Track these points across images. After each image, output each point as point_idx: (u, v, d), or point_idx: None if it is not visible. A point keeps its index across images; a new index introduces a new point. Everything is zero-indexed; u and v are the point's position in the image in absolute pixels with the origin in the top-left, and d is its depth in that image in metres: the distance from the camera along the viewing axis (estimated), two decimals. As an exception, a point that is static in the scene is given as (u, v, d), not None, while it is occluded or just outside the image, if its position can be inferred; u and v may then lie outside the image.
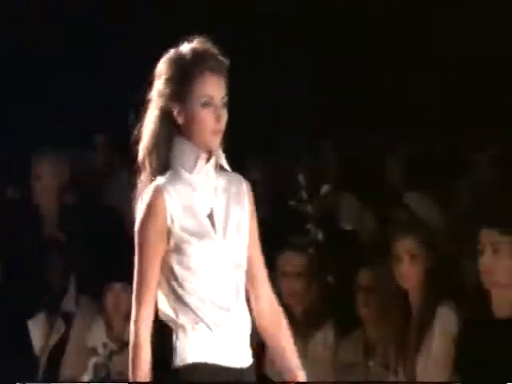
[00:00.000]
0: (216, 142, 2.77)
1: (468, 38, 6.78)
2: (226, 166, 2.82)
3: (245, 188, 2.86)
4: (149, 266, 2.72)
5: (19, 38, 7.24)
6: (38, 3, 7.24)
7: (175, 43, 2.82)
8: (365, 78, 7.02)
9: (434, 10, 7.01)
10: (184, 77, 2.74)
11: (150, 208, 2.71)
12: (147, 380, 2.71)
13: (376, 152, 6.39)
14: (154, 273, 2.73)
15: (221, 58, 2.78)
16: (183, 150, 2.75)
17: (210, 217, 2.78)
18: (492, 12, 6.81)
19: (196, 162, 2.76)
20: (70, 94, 7.22)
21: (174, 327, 2.75)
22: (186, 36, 2.80)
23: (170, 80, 2.75)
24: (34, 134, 6.66)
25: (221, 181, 2.82)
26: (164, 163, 2.76)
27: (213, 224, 2.77)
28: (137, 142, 2.80)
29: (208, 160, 2.78)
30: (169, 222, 2.72)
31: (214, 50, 2.77)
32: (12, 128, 6.75)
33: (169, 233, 2.72)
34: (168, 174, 2.75)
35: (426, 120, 6.79)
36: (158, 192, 2.71)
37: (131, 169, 2.83)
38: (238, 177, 2.86)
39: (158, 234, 2.72)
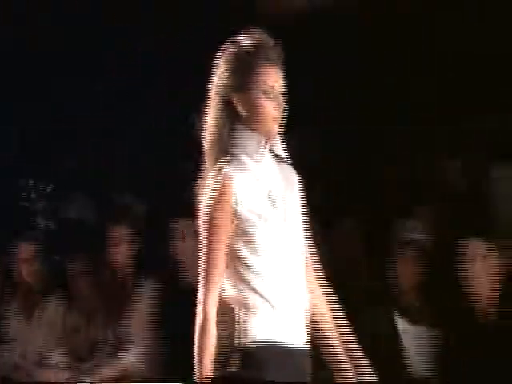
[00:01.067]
0: (276, 129, 2.95)
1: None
2: (282, 154, 3.00)
3: (295, 178, 3.03)
4: (218, 247, 2.86)
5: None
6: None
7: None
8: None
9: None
10: (246, 68, 2.91)
11: (219, 192, 2.86)
12: (212, 358, 2.81)
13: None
14: (223, 254, 2.87)
15: (277, 48, 2.94)
16: (245, 137, 2.92)
17: (271, 200, 2.93)
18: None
19: (258, 148, 2.93)
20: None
21: (238, 308, 2.89)
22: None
23: (232, 71, 2.91)
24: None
25: (276, 168, 2.99)
26: (226, 150, 2.91)
27: (274, 207, 2.93)
28: (200, 132, 2.96)
29: (266, 147, 2.96)
30: (236, 204, 2.87)
31: (272, 41, 2.93)
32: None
33: (236, 215, 2.87)
34: (227, 161, 2.90)
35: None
36: (225, 176, 2.86)
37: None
38: (288, 166, 3.03)
39: (226, 217, 2.86)
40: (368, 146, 6.62)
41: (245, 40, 2.93)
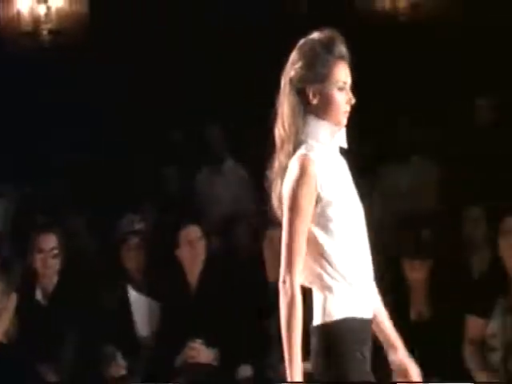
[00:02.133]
0: (344, 122, 3.09)
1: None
2: (345, 145, 3.12)
3: (347, 167, 3.17)
4: (302, 229, 2.96)
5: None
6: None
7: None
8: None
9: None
10: (322, 62, 3.04)
11: (303, 176, 2.97)
12: (300, 340, 2.91)
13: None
14: (305, 236, 2.97)
15: (345, 46, 3.10)
16: (318, 126, 3.04)
17: (344, 185, 3.08)
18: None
19: (330, 137, 3.07)
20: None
21: (319, 289, 2.99)
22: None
23: (309, 65, 3.03)
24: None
25: (340, 157, 3.15)
26: (301, 138, 3.03)
27: (346, 191, 3.07)
28: (273, 122, 3.09)
29: (336, 137, 3.12)
30: (318, 188, 2.98)
31: (343, 39, 3.08)
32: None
33: (318, 198, 2.99)
34: (305, 147, 3.02)
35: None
36: (307, 161, 2.98)
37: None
38: (341, 156, 3.17)
39: (310, 200, 2.97)
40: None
41: (320, 36, 3.06)
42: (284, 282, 2.94)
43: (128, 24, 7.20)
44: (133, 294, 5.63)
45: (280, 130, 3.08)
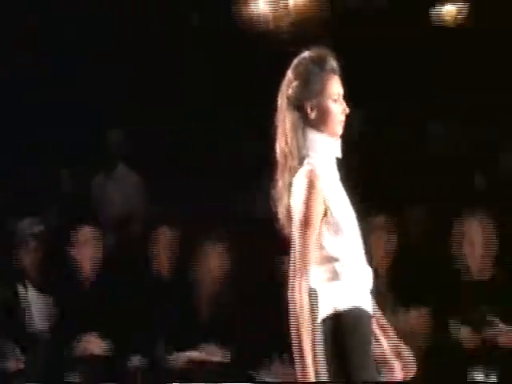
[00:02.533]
0: (341, 131, 3.22)
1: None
2: (339, 154, 3.23)
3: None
4: (313, 240, 3.06)
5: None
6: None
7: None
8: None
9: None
10: (316, 79, 3.17)
11: (313, 192, 3.07)
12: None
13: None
14: (315, 245, 3.08)
15: (335, 59, 3.25)
16: (318, 139, 3.17)
17: (343, 193, 3.20)
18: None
19: (328, 148, 3.19)
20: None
21: (327, 287, 3.09)
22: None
23: (305, 83, 3.16)
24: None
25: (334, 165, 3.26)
26: (303, 152, 3.15)
27: (345, 198, 3.19)
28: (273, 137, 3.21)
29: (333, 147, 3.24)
30: (326, 201, 3.10)
31: (332, 54, 3.23)
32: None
33: (326, 210, 3.10)
34: (309, 162, 3.14)
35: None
36: (314, 176, 3.09)
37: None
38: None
39: (320, 212, 3.08)
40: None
41: (311, 54, 3.19)
42: (295, 288, 3.03)
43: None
44: (31, 292, 5.77)
45: (282, 146, 3.17)
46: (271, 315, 5.34)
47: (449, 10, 8.01)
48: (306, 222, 3.06)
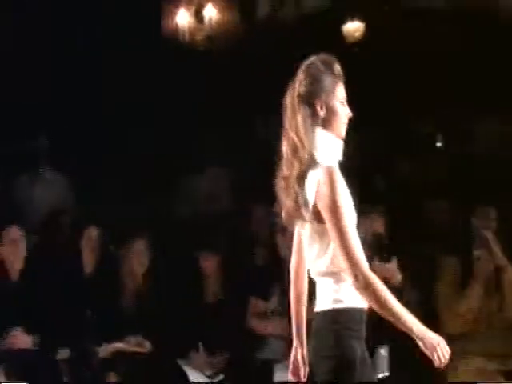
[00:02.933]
0: (344, 133, 3.31)
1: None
2: (341, 157, 3.29)
3: None
4: (351, 229, 3.12)
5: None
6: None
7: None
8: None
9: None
10: (328, 79, 3.27)
11: (336, 185, 3.11)
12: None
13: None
14: (354, 234, 3.13)
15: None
16: (327, 138, 3.24)
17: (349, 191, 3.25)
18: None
19: (336, 149, 3.26)
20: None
21: (336, 281, 3.15)
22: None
23: (316, 81, 3.25)
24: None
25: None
26: (312, 149, 3.21)
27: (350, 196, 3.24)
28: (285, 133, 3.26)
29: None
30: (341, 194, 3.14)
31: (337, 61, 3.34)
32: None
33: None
34: (322, 158, 3.19)
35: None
36: (334, 171, 3.15)
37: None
38: None
39: (347, 203, 3.14)
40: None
41: (321, 58, 3.30)
42: (357, 279, 3.01)
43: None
44: None
45: (293, 139, 3.20)
46: (193, 308, 5.71)
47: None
48: (339, 216, 3.07)
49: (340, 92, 3.30)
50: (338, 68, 3.31)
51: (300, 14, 8.22)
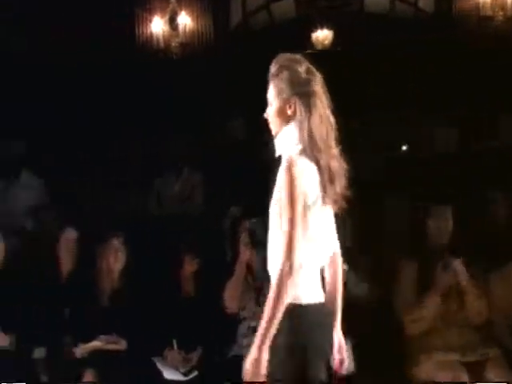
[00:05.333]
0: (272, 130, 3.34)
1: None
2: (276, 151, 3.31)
3: None
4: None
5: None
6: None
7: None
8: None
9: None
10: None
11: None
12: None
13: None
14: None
15: None
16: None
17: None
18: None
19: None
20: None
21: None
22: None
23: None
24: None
25: None
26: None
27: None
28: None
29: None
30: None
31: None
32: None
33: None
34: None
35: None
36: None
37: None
38: None
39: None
40: None
41: (296, 57, 3.30)
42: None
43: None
44: None
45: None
46: (167, 305, 5.66)
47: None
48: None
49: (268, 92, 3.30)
50: (271, 68, 3.29)
51: (271, 21, 8.23)
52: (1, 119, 6.94)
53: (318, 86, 3.27)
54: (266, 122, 3.33)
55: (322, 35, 8.77)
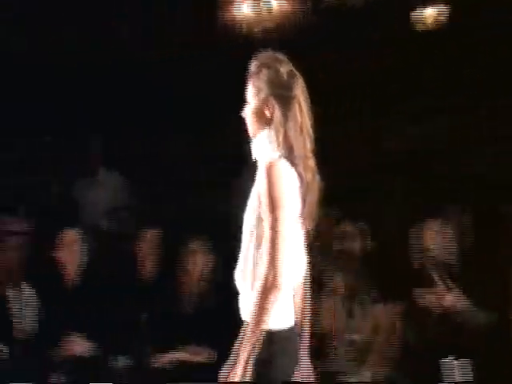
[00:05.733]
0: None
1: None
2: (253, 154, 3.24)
3: None
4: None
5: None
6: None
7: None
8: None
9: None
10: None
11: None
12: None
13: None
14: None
15: None
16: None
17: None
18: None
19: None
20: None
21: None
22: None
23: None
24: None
25: None
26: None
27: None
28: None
29: None
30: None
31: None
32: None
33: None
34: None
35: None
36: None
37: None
38: None
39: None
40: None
41: (279, 57, 3.16)
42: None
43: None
44: (13, 293, 5.64)
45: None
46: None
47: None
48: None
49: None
50: (251, 66, 3.18)
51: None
52: (80, 116, 6.94)
53: (299, 91, 3.12)
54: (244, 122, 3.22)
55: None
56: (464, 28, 7.05)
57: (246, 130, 3.18)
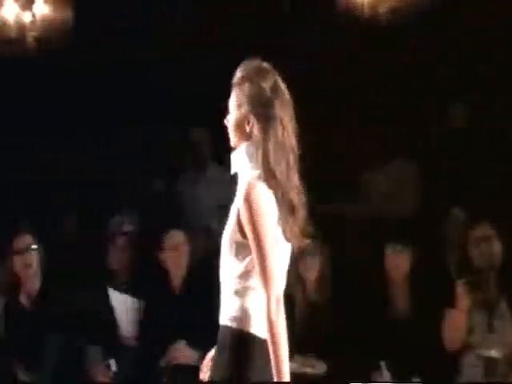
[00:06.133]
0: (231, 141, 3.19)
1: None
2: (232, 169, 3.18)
3: None
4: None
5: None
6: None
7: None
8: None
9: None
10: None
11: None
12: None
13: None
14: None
15: None
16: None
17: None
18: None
19: (233, 159, 3.14)
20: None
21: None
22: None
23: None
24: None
25: None
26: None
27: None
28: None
29: None
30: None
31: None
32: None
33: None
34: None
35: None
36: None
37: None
38: None
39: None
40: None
41: (265, 68, 3.05)
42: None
43: (112, 29, 7.10)
44: (116, 295, 5.50)
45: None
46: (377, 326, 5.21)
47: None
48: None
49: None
50: (235, 75, 3.06)
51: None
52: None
53: (283, 108, 3.01)
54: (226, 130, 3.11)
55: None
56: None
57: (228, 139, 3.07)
